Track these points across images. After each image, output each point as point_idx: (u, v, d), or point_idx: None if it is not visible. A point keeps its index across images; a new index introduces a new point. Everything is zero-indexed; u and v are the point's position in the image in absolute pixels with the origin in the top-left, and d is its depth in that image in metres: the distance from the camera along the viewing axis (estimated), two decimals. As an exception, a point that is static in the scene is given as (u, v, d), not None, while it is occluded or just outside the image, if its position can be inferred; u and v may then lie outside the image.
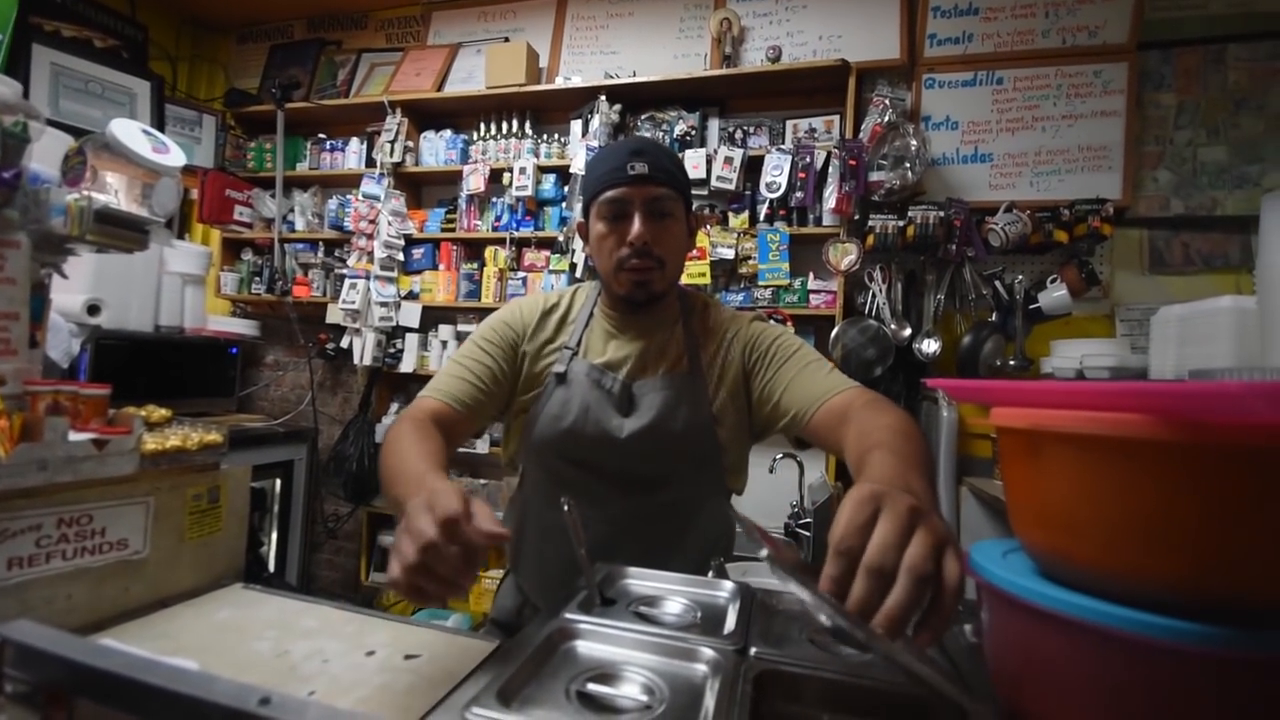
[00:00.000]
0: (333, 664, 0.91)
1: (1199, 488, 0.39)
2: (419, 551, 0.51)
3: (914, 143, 2.10)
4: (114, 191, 1.23)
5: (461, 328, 2.69)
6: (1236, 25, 2.11)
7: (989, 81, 2.25)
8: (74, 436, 1.00)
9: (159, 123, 2.81)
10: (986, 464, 2.15)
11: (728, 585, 0.78)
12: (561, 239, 2.51)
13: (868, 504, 0.46)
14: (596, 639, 0.63)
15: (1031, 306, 2.09)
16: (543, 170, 2.59)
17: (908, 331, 2.17)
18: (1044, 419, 0.46)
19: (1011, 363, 2.09)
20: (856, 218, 2.22)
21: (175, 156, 1.32)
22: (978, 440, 2.22)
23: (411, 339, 2.72)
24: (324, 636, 0.99)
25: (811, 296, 2.26)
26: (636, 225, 0.93)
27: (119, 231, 1.23)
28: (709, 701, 0.53)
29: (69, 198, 1.12)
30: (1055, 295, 2.03)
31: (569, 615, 0.66)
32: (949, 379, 0.57)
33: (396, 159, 2.71)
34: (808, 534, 2.00)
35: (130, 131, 1.24)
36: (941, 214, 2.06)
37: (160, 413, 1.28)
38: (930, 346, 2.16)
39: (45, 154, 1.11)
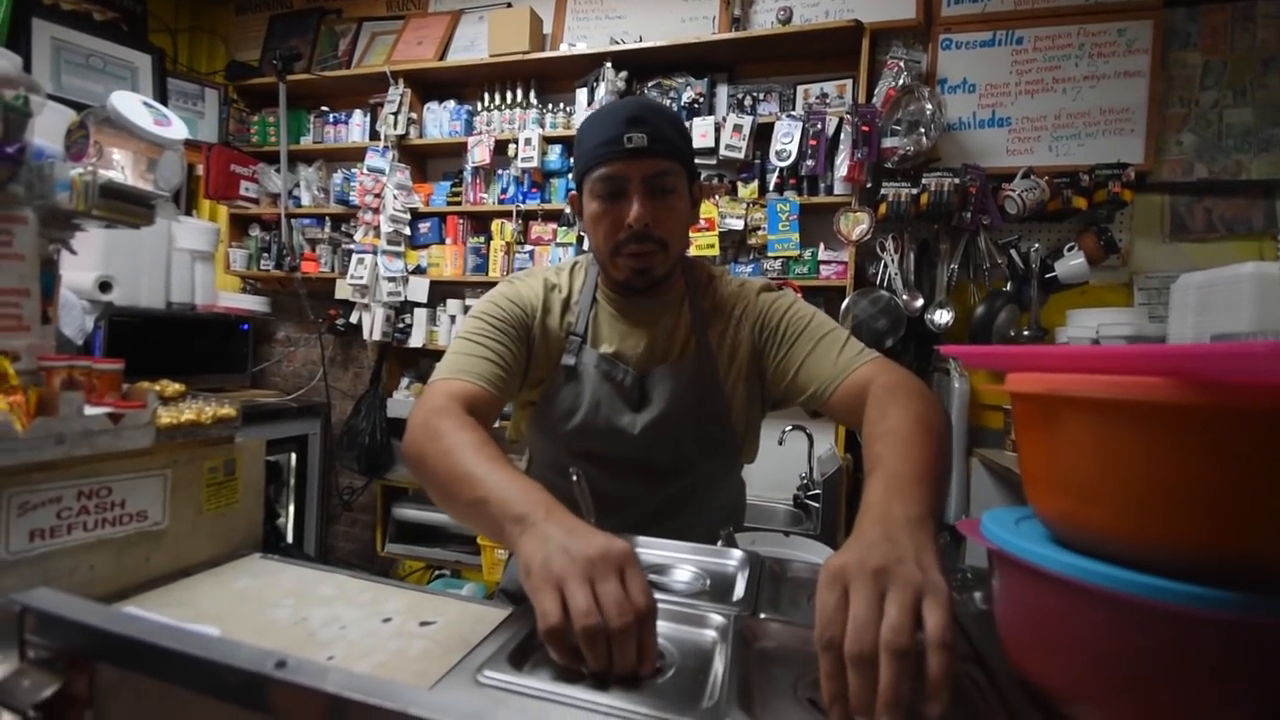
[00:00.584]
0: (350, 630, 0.93)
1: (1221, 451, 0.38)
2: (588, 635, 0.47)
3: (929, 106, 2.04)
4: (119, 167, 1.22)
5: (469, 302, 2.69)
6: (1269, -22, 2.02)
7: (1008, 41, 2.17)
8: (89, 411, 1.01)
9: (161, 96, 2.78)
10: (997, 435, 2.13)
11: (736, 553, 0.78)
12: (568, 211, 2.48)
13: (835, 585, 0.45)
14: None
15: (1048, 275, 2.05)
16: (548, 141, 2.55)
17: (920, 302, 2.14)
18: (1060, 383, 0.45)
19: (1026, 333, 2.06)
20: (869, 186, 2.17)
21: (177, 129, 1.31)
22: (989, 411, 2.21)
23: (420, 314, 2.72)
24: (341, 604, 1.01)
25: (822, 267, 2.23)
26: (635, 206, 0.84)
27: (125, 206, 1.23)
28: (718, 665, 0.54)
29: (73, 172, 1.12)
30: (1072, 264, 1.99)
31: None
32: (962, 345, 0.56)
33: (400, 131, 2.68)
34: (816, 505, 2.02)
35: (131, 104, 1.23)
36: (957, 181, 2.01)
37: (174, 387, 1.29)
38: (943, 317, 2.13)
39: (47, 129, 1.11)
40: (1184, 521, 0.39)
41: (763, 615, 0.60)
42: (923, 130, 2.05)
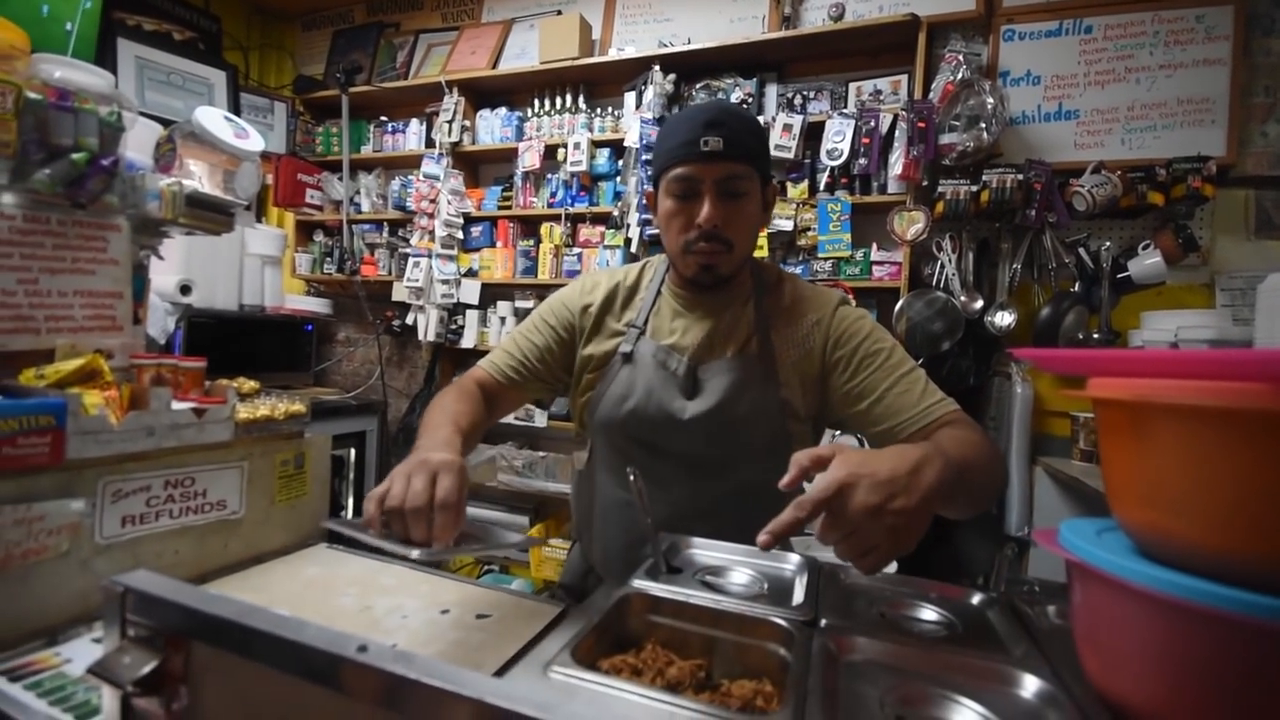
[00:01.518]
0: (411, 620, 0.97)
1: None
2: (383, 509, 0.64)
3: (990, 100, 1.97)
4: (199, 178, 1.31)
5: (519, 304, 2.74)
6: (1371, -46, 1.86)
7: (1076, 30, 2.07)
8: (176, 405, 1.08)
9: (235, 110, 2.95)
10: (1063, 443, 2.04)
11: (794, 557, 0.78)
12: (616, 214, 2.51)
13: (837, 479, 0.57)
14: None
15: (1120, 275, 1.94)
16: (597, 145, 2.58)
17: (979, 303, 2.07)
18: (1152, 390, 0.43)
19: (1096, 336, 1.96)
20: (925, 184, 2.11)
21: (255, 141, 1.39)
22: (1053, 418, 2.11)
23: (471, 315, 2.79)
24: (402, 594, 1.05)
25: (875, 268, 2.18)
26: (706, 208, 0.87)
27: (208, 214, 1.31)
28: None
29: (162, 183, 1.20)
30: (1148, 263, 1.88)
31: (637, 583, 0.67)
32: (1037, 348, 0.53)
33: (454, 138, 2.75)
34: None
35: (214, 118, 1.31)
36: (1020, 177, 1.93)
37: (250, 384, 1.37)
38: (1004, 319, 2.05)
39: (136, 143, 1.19)
40: None
41: (824, 622, 0.59)
42: (983, 125, 1.97)
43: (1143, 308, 1.96)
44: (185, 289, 2.32)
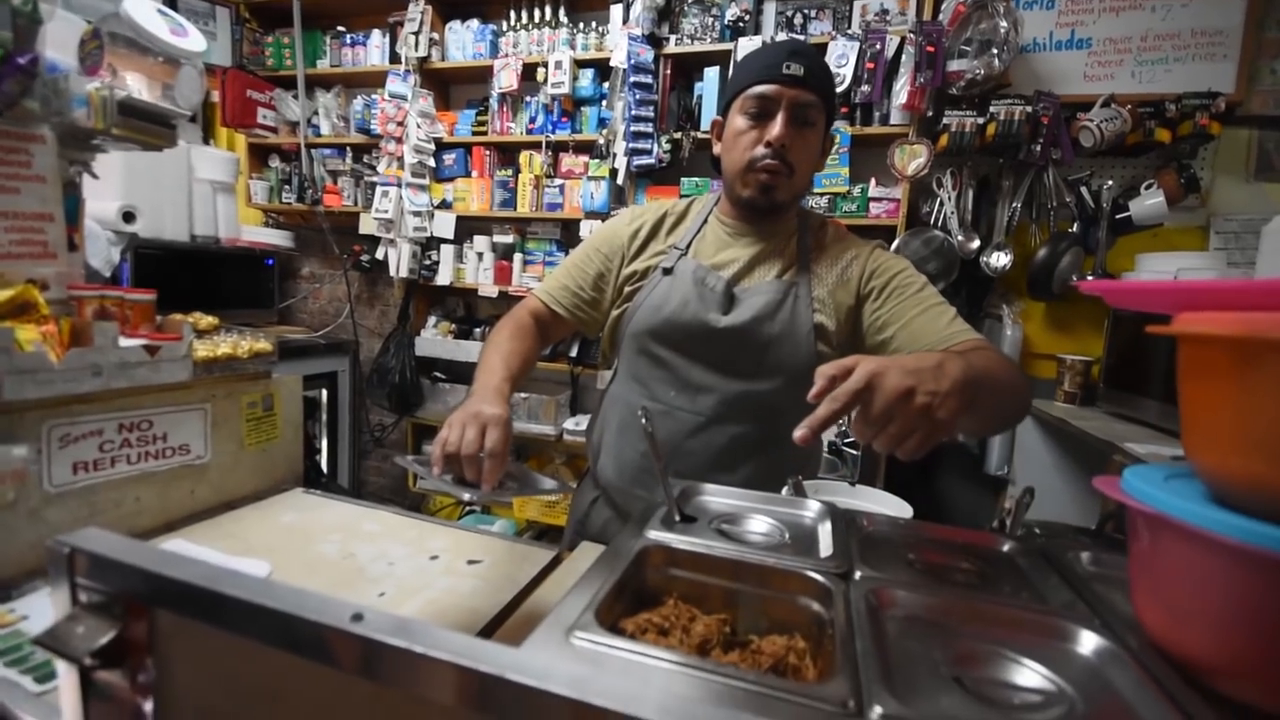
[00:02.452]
0: (398, 567, 0.92)
1: None
2: (446, 454, 0.73)
3: (1004, 24, 1.85)
4: (135, 92, 1.15)
5: (498, 238, 2.60)
6: None
7: (1096, -51, 1.94)
8: (124, 342, 0.98)
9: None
10: (1048, 385, 2.05)
11: (813, 504, 0.73)
12: (601, 142, 2.35)
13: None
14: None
15: (1119, 216, 1.90)
16: (580, 64, 2.39)
17: (976, 243, 2.01)
18: (1266, 324, 0.37)
19: (1090, 277, 1.94)
20: (929, 114, 2.00)
21: (194, 40, 1.21)
22: (1040, 360, 2.11)
23: (447, 250, 2.64)
24: (387, 540, 1.00)
25: (872, 205, 2.09)
26: (779, 126, 0.91)
27: (145, 125, 1.15)
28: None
29: (89, 87, 1.04)
30: (1149, 203, 1.83)
31: (653, 534, 0.62)
32: (1109, 281, 0.48)
33: (422, 53, 2.52)
34: (855, 452, 1.97)
35: (145, 11, 1.13)
36: (1028, 109, 1.84)
37: (208, 320, 1.25)
38: (1000, 260, 2.01)
39: (56, 40, 1.02)
40: None
41: (858, 574, 0.55)
42: (994, 51, 1.86)
43: (1136, 250, 1.93)
44: (129, 216, 2.12)
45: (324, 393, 2.68)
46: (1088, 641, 0.47)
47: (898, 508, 0.83)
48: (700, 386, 0.97)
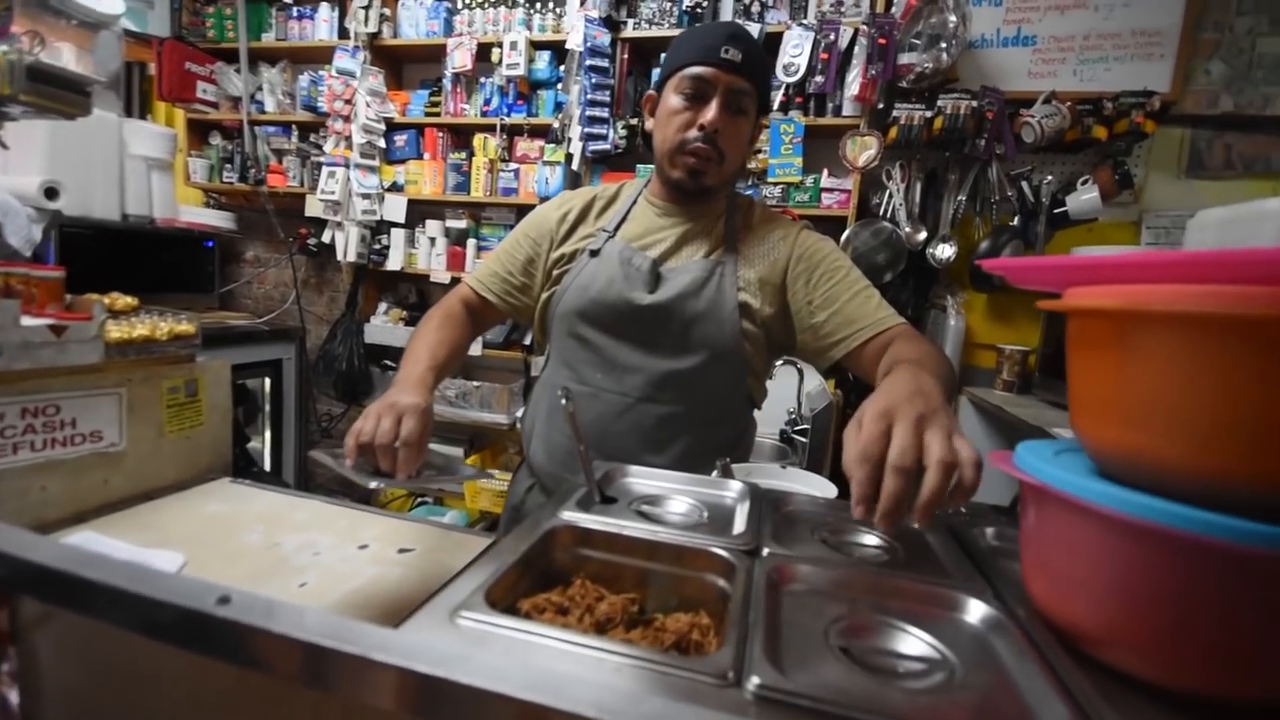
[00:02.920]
0: (324, 556, 0.89)
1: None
2: (359, 444, 0.73)
3: (953, 19, 1.88)
4: (61, 57, 1.09)
5: (450, 223, 2.54)
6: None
7: (1043, -53, 1.98)
8: (28, 321, 0.92)
9: (102, -19, 2.49)
10: (988, 374, 2.11)
11: (735, 485, 0.74)
12: (557, 127, 2.31)
13: (882, 420, 0.51)
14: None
15: (1057, 210, 1.96)
16: (536, 46, 2.34)
17: (922, 235, 2.05)
18: (1144, 296, 0.38)
19: (1029, 270, 2.00)
20: (880, 106, 2.03)
21: (112, 3, 1.15)
22: (981, 350, 2.18)
23: (398, 234, 2.57)
24: (315, 529, 0.97)
25: (824, 195, 2.12)
26: (713, 110, 0.91)
27: (56, 92, 1.09)
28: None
29: (-9, 48, 0.98)
30: (1085, 198, 1.90)
31: (566, 515, 0.61)
32: (1009, 259, 0.49)
33: (372, 29, 2.44)
34: (804, 440, 2.00)
35: (53, -32, 1.07)
36: (974, 104, 1.88)
37: (125, 300, 1.19)
38: (945, 252, 2.05)
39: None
40: None
41: (766, 551, 0.56)
42: (943, 45, 1.89)
43: (1073, 244, 2.00)
44: (51, 192, 2.00)
45: (267, 381, 2.59)
46: (976, 611, 0.48)
47: (822, 488, 0.84)
48: (626, 367, 0.97)
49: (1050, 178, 1.99)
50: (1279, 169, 1.97)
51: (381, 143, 2.53)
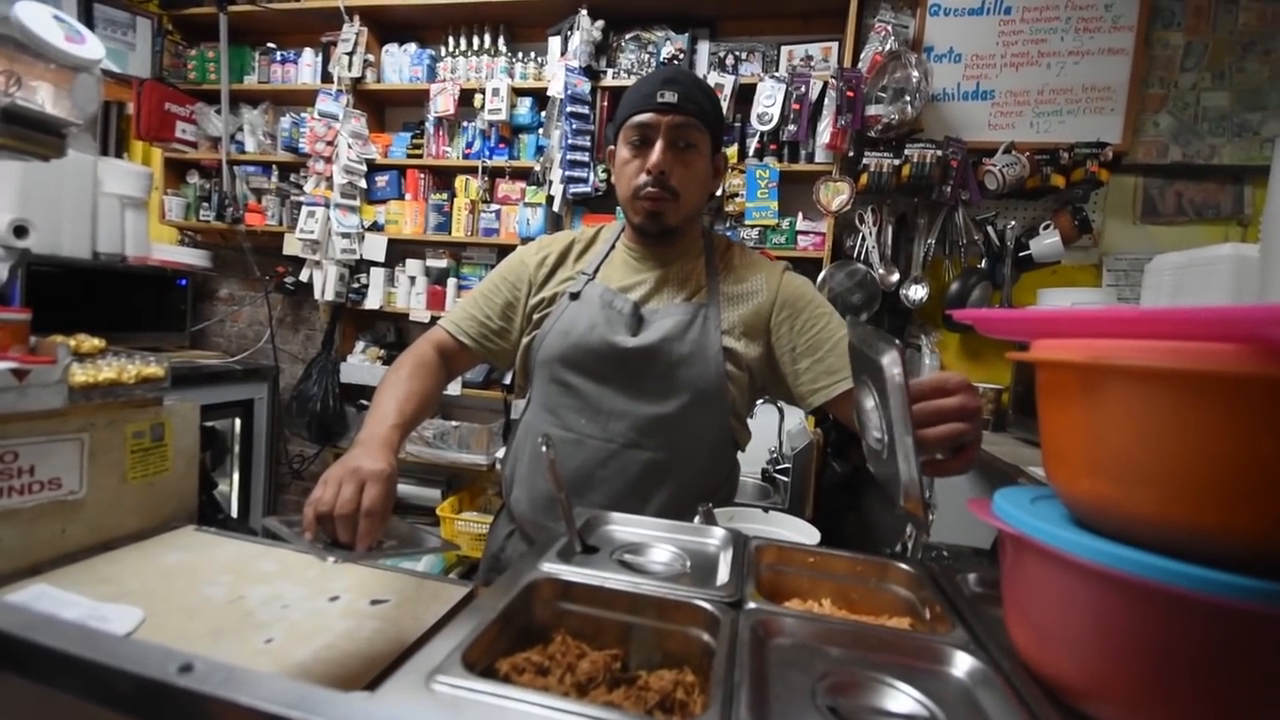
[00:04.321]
0: (292, 610, 0.85)
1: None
2: (317, 514, 0.67)
3: (915, 74, 1.98)
4: (40, 103, 1.08)
5: (431, 262, 2.54)
6: (1255, -39, 2.01)
7: (997, 10, 2.11)
8: (-13, 365, 0.89)
9: (87, 24, 2.50)
10: (964, 412, 2.14)
11: (718, 532, 0.73)
12: (538, 169, 2.36)
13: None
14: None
15: (1022, 254, 2.04)
16: (518, 93, 2.40)
17: (895, 276, 2.11)
18: (1108, 351, 0.40)
19: (998, 307, 2.06)
20: (851, 154, 2.11)
21: (92, 48, 1.15)
22: (957, 388, 2.21)
23: (377, 274, 2.56)
24: (283, 581, 0.92)
25: (800, 238, 2.17)
26: (656, 153, 0.93)
27: (30, 134, 1.08)
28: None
29: (-36, 90, 0.97)
30: (1047, 242, 1.98)
31: (546, 566, 0.60)
32: (978, 310, 0.50)
33: (356, 74, 2.48)
34: (785, 479, 2.00)
35: (38, 16, 1.07)
36: (939, 153, 1.97)
37: (92, 342, 1.16)
38: (918, 293, 2.11)
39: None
40: (1249, 508, 0.35)
41: (751, 604, 0.55)
42: (908, 98, 1.99)
43: (1039, 285, 2.07)
44: (20, 230, 1.96)
45: (237, 422, 2.52)
46: (962, 663, 0.48)
47: (806, 533, 0.84)
48: (610, 412, 0.96)
49: (1014, 222, 2.08)
50: (1228, 214, 2.08)
51: (363, 183, 2.55)
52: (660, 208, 0.95)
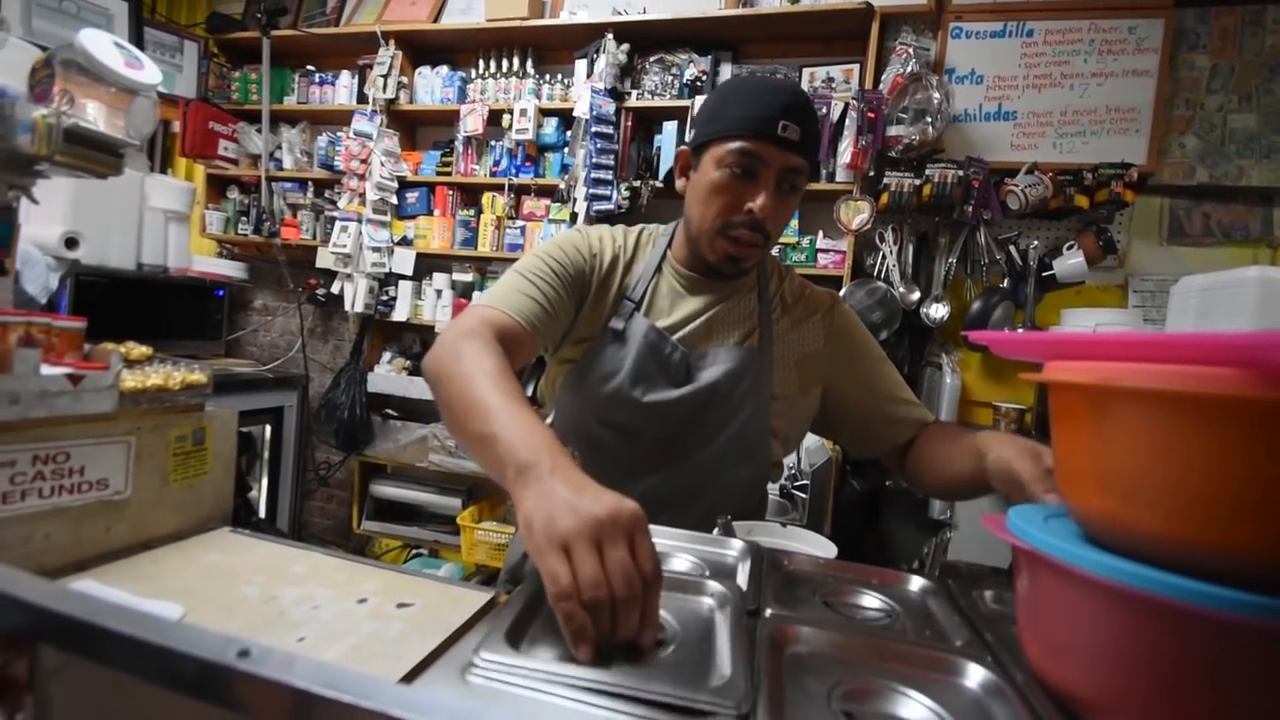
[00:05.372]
0: (322, 610, 0.88)
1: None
2: (590, 605, 0.44)
3: (937, 96, 2.00)
4: (90, 118, 1.15)
5: (457, 276, 2.61)
6: (1281, -17, 2.00)
7: (1019, 33, 2.13)
8: (47, 370, 0.94)
9: (137, 46, 2.64)
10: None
11: (736, 543, 0.75)
12: (563, 187, 2.41)
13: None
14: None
15: (1045, 274, 2.03)
16: (544, 113, 2.47)
17: (916, 295, 2.12)
18: (1114, 373, 0.41)
19: (1020, 330, 2.05)
20: (871, 174, 2.13)
21: (150, 73, 1.22)
22: (978, 408, 2.20)
23: (405, 286, 2.63)
24: (314, 583, 0.96)
25: (820, 256, 2.19)
26: (764, 197, 0.80)
27: (91, 153, 1.14)
28: (722, 636, 0.52)
29: (36, 113, 1.04)
30: (1071, 262, 1.97)
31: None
32: (993, 331, 0.52)
33: (390, 95, 2.57)
34: (804, 496, 1.99)
35: (101, 43, 1.14)
36: (960, 173, 1.98)
37: (140, 350, 1.22)
38: (938, 311, 2.11)
39: (15, 70, 1.02)
40: (1248, 526, 0.36)
41: (768, 612, 0.57)
42: (929, 119, 2.01)
43: (1063, 305, 2.06)
44: (71, 242, 2.07)
45: (268, 428, 2.60)
46: (975, 675, 0.49)
47: (823, 548, 0.85)
48: (640, 470, 0.91)
49: (1036, 242, 2.07)
50: (1257, 236, 2.05)
51: (394, 199, 2.63)
52: (748, 254, 0.85)
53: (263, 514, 2.59)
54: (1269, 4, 2.01)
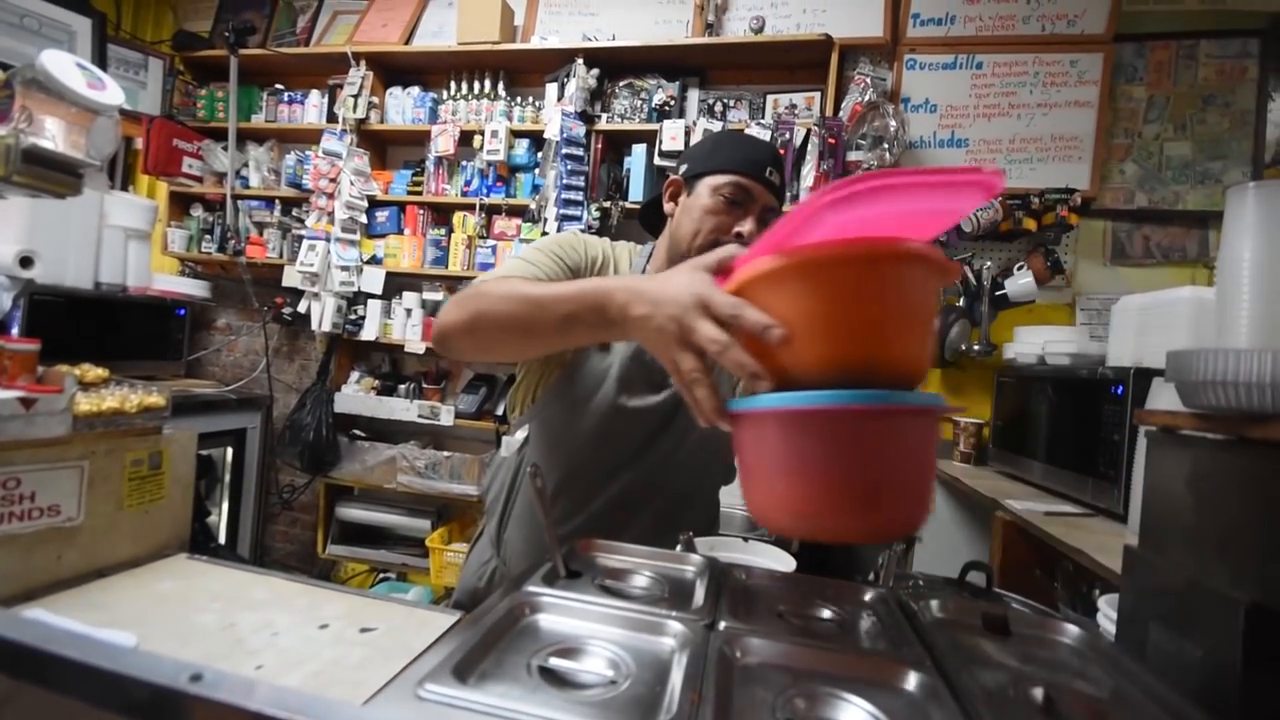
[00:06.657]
0: (282, 637, 0.87)
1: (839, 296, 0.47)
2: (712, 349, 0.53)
3: (893, 123, 2.09)
4: (50, 137, 1.14)
5: (427, 295, 2.60)
6: (1209, 22, 2.15)
7: (969, 65, 2.24)
8: (-2, 394, 0.92)
9: (100, 64, 2.61)
10: (945, 446, 2.19)
11: (695, 559, 0.77)
12: (534, 207, 2.44)
13: None
14: (559, 612, 0.60)
15: (998, 293, 2.12)
16: (515, 135, 2.50)
17: (878, 313, 2.18)
18: (760, 262, 0.50)
19: (976, 347, 2.13)
20: (833, 197, 2.20)
21: (112, 94, 1.22)
22: (939, 422, 2.27)
23: (374, 305, 2.62)
24: (274, 608, 0.95)
25: (785, 275, 2.25)
26: (751, 223, 0.92)
27: (49, 173, 1.13)
28: (675, 676, 0.51)
29: (-9, 133, 1.03)
30: (1021, 282, 2.06)
31: (530, 588, 0.63)
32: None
33: (360, 115, 2.58)
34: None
35: (62, 64, 1.14)
36: (917, 197, 2.06)
37: (96, 372, 1.20)
38: (899, 329, 2.18)
39: (-35, 87, 1.01)
40: (857, 349, 0.47)
41: (722, 625, 0.59)
42: (886, 146, 2.09)
43: (1016, 323, 2.15)
44: (26, 261, 2.01)
45: (229, 451, 2.54)
46: (914, 680, 0.52)
47: (783, 561, 0.87)
48: (617, 469, 0.98)
49: (989, 263, 2.16)
50: (1194, 257, 2.18)
51: (363, 218, 2.62)
52: None
53: (223, 539, 2.51)
54: (1201, 39, 2.15)
